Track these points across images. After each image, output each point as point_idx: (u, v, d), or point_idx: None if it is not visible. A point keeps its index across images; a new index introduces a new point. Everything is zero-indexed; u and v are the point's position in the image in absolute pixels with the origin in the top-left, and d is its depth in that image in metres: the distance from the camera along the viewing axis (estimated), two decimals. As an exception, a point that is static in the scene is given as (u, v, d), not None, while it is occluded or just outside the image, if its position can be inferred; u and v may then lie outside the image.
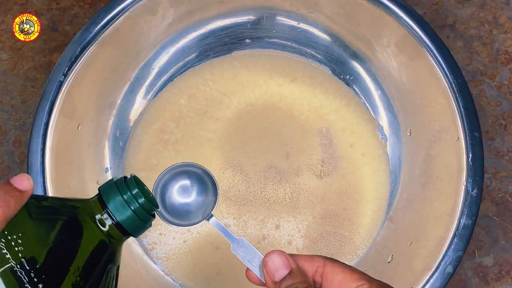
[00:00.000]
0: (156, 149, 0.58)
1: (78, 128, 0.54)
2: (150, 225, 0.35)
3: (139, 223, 0.34)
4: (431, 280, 0.48)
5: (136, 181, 0.35)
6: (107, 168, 0.57)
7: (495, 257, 0.57)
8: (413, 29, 0.52)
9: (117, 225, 0.33)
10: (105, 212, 0.33)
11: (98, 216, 0.33)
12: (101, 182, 0.56)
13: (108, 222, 0.33)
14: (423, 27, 0.52)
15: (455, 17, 0.63)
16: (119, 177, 0.35)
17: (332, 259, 0.35)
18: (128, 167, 0.58)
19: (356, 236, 0.57)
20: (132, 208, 0.33)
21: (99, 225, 0.33)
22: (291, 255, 0.36)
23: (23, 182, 0.31)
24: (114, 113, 0.58)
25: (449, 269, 0.48)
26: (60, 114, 0.51)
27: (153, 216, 0.35)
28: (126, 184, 0.34)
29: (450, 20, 0.63)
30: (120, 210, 0.33)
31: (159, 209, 0.36)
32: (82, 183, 0.54)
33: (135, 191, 0.34)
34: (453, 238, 0.48)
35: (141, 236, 0.56)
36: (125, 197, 0.33)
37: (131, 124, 0.59)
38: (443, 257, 0.48)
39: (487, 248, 0.58)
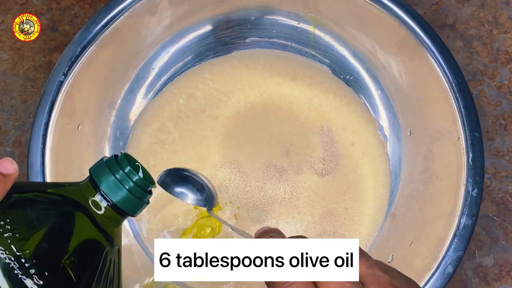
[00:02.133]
0: (154, 149, 0.58)
1: (78, 128, 0.54)
2: (148, 202, 0.34)
3: (135, 202, 0.32)
4: (432, 280, 0.48)
5: (128, 159, 0.33)
6: (107, 168, 0.57)
7: (495, 257, 0.57)
8: (413, 29, 0.52)
9: (112, 206, 0.32)
10: (98, 194, 0.32)
11: (92, 199, 0.32)
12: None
13: (103, 204, 0.32)
14: (423, 27, 0.52)
15: (455, 17, 0.63)
16: (109, 156, 0.33)
17: None
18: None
19: (356, 236, 0.57)
20: (127, 187, 0.32)
21: (94, 208, 0.31)
22: None
23: (6, 166, 0.30)
24: (114, 113, 0.58)
25: (450, 269, 0.48)
26: (60, 114, 0.51)
27: (150, 193, 0.33)
28: (117, 163, 0.32)
29: (450, 20, 0.63)
30: (114, 191, 0.32)
31: (155, 186, 0.34)
32: (82, 183, 0.54)
33: (127, 169, 0.32)
34: (453, 238, 0.48)
35: (147, 242, 0.56)
36: (117, 176, 0.32)
37: (131, 124, 0.59)
38: (444, 257, 0.48)
39: (487, 248, 0.58)
